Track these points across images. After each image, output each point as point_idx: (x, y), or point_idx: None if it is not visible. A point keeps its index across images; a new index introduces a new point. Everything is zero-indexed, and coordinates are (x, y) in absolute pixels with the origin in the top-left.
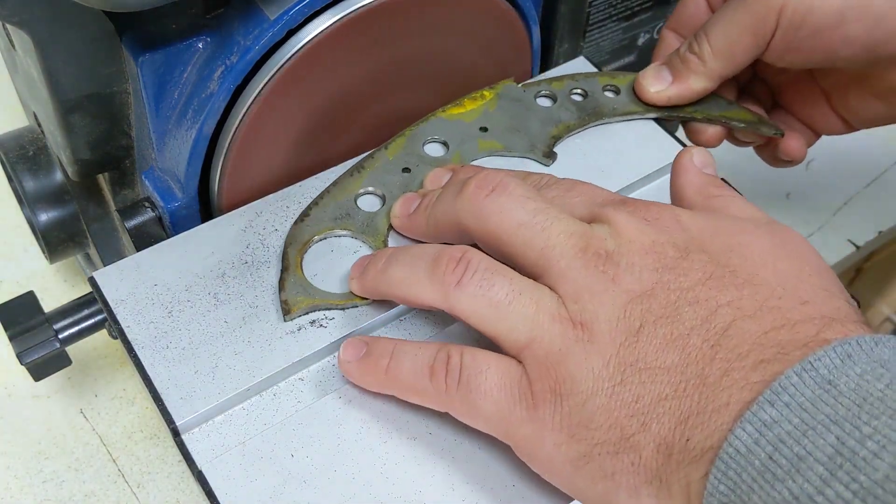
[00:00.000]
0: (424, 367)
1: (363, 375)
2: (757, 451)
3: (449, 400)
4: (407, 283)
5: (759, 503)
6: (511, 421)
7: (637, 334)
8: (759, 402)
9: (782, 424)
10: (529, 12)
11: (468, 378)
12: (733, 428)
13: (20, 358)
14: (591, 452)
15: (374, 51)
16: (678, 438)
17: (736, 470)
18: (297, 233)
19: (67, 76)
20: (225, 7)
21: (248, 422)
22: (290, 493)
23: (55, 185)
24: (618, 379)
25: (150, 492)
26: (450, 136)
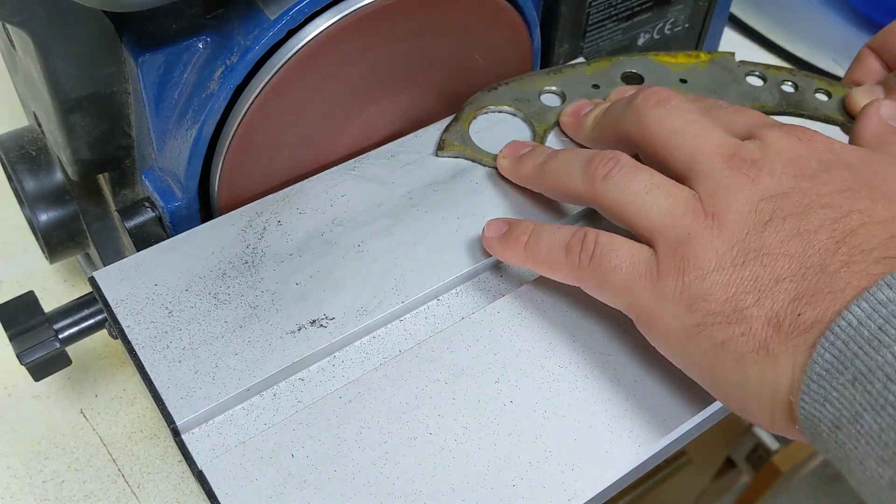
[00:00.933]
0: (562, 243)
1: (504, 249)
2: (868, 323)
3: (581, 273)
4: (563, 174)
5: (861, 367)
6: (635, 292)
7: (765, 226)
8: (878, 285)
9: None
10: (529, 12)
11: (601, 254)
12: (849, 305)
13: (20, 358)
14: (705, 322)
15: (375, 51)
16: (790, 313)
17: (844, 340)
18: (480, 97)
19: (67, 76)
20: (225, 7)
21: (248, 422)
22: (290, 493)
23: (55, 185)
24: (740, 261)
25: (150, 492)
26: (649, 74)
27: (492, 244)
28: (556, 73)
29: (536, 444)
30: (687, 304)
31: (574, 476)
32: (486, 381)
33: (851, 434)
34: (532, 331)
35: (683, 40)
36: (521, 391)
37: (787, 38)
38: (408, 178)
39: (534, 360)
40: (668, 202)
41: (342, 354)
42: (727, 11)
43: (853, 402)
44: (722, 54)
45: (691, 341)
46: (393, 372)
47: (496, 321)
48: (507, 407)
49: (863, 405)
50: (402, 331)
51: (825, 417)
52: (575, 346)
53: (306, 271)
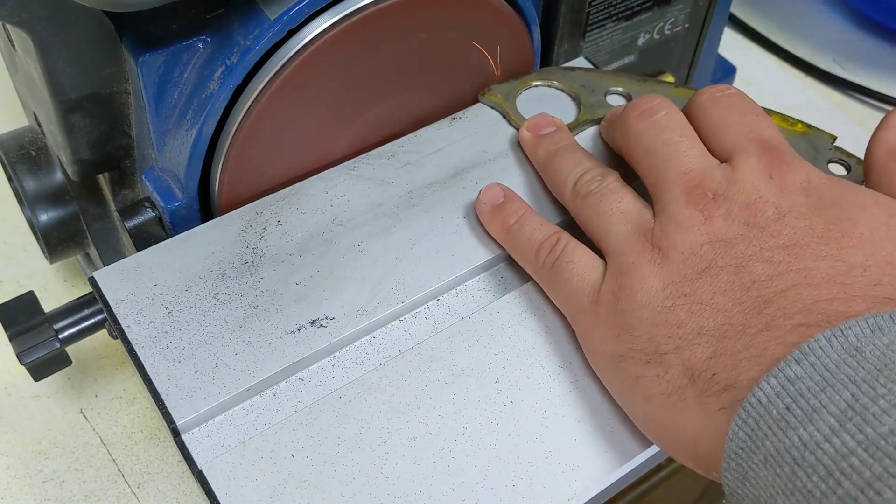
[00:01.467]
0: (537, 241)
1: (490, 221)
2: (776, 401)
3: (541, 275)
4: (560, 178)
5: (770, 448)
6: (578, 308)
7: (701, 273)
8: (787, 360)
9: (804, 381)
10: (529, 12)
11: (561, 261)
12: (759, 380)
13: (20, 358)
14: (626, 354)
15: (375, 51)
16: (704, 369)
17: (755, 418)
18: (552, 71)
19: (67, 76)
20: (225, 7)
21: (248, 422)
22: (290, 493)
23: (55, 185)
24: (669, 303)
25: (150, 492)
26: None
27: (482, 209)
28: (640, 83)
29: (536, 444)
30: (615, 332)
31: (574, 476)
32: (486, 381)
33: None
34: (532, 331)
35: (683, 40)
36: (521, 391)
37: (787, 38)
38: (408, 178)
39: (534, 360)
40: (626, 229)
41: (342, 354)
42: (727, 11)
43: (766, 484)
44: (820, 133)
45: (612, 368)
46: (393, 372)
47: (496, 321)
48: (507, 407)
49: (775, 488)
50: (402, 331)
51: (747, 496)
52: (575, 346)
53: (306, 271)
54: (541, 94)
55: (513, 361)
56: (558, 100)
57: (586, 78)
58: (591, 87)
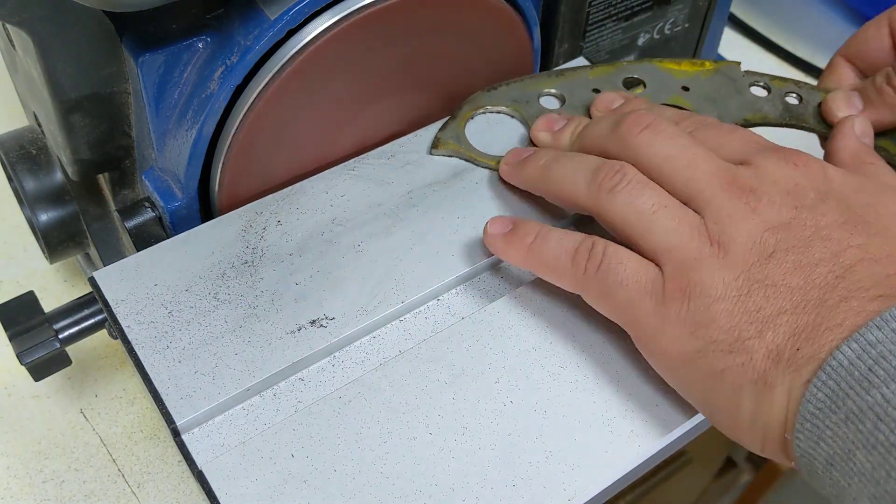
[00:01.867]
0: (569, 249)
1: (507, 248)
2: (858, 364)
3: (586, 282)
4: (568, 181)
5: (853, 406)
6: (639, 311)
7: (769, 258)
8: (868, 326)
9: (885, 344)
10: (529, 12)
11: (608, 265)
12: (840, 345)
13: (20, 358)
14: (706, 349)
15: (375, 51)
16: (789, 347)
17: (836, 380)
18: (479, 97)
19: (67, 76)
20: (225, 7)
21: (248, 422)
22: (290, 493)
23: (55, 185)
24: (744, 290)
25: (150, 492)
26: (652, 81)
27: (494, 242)
28: (558, 76)
29: (536, 444)
30: (690, 329)
31: (574, 476)
32: (486, 381)
33: (845, 472)
34: (532, 331)
35: (683, 40)
36: (521, 391)
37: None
38: (408, 178)
39: (534, 360)
40: (674, 224)
41: (342, 354)
42: (727, 11)
43: (846, 440)
44: (727, 63)
45: (690, 366)
46: (393, 372)
47: (496, 321)
48: (507, 407)
49: (855, 444)
50: (402, 331)
51: (819, 455)
52: (575, 346)
53: (306, 271)
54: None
55: (513, 361)
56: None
57: (512, 91)
58: (524, 99)
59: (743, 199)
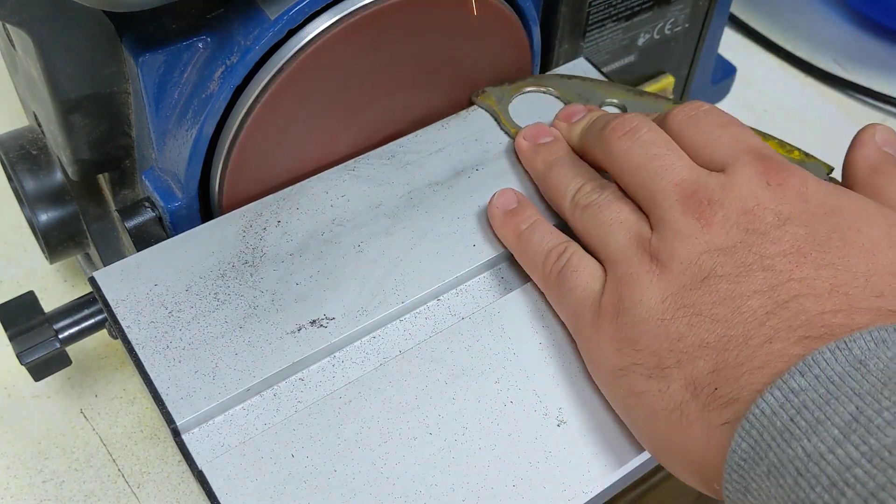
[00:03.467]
0: (545, 249)
1: (501, 226)
2: (780, 413)
3: (547, 284)
4: (559, 189)
5: (774, 459)
6: (580, 319)
7: (701, 283)
8: (791, 372)
9: (808, 393)
10: (529, 13)
11: (566, 271)
12: (763, 392)
13: (20, 358)
14: (628, 368)
15: (375, 51)
16: (707, 384)
17: (758, 430)
18: (549, 78)
19: (67, 76)
20: (225, 7)
21: (248, 422)
22: (290, 493)
23: (55, 185)
24: (669, 315)
25: (150, 492)
26: None
27: (494, 213)
28: (638, 95)
29: (536, 445)
30: (616, 346)
31: (574, 476)
32: (486, 381)
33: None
34: (532, 331)
35: (683, 40)
36: (520, 391)
37: (787, 38)
38: (408, 178)
39: (534, 361)
40: (625, 239)
41: (342, 354)
42: (727, 11)
43: (769, 495)
44: (816, 162)
45: (614, 382)
46: (393, 372)
47: (496, 321)
48: (507, 407)
49: (777, 500)
50: (402, 331)
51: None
52: (575, 346)
53: (306, 271)
54: (534, 99)
55: (513, 361)
56: (551, 107)
57: (582, 87)
58: (587, 97)
59: (696, 215)
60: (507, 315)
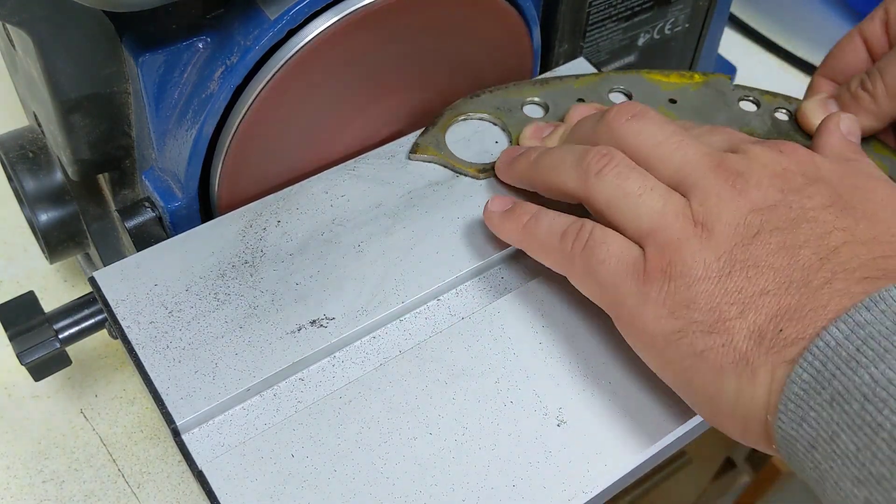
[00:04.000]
0: (559, 228)
1: (503, 224)
2: (846, 344)
3: (570, 260)
4: (556, 169)
5: (838, 387)
6: (620, 290)
7: (753, 238)
8: (857, 307)
9: (874, 325)
10: (529, 13)
11: (592, 245)
12: (827, 325)
13: (20, 358)
14: (687, 329)
15: (375, 51)
16: (772, 328)
17: (822, 360)
18: (461, 104)
19: (67, 76)
20: (225, 7)
21: (248, 422)
22: (290, 493)
23: (55, 185)
24: (726, 271)
25: (150, 492)
26: (637, 91)
27: (492, 217)
28: (543, 84)
29: (536, 444)
30: (670, 309)
31: (574, 476)
32: (486, 381)
33: (827, 454)
34: (532, 331)
35: (683, 40)
36: (520, 391)
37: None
38: (408, 178)
39: (534, 361)
40: (660, 205)
41: (342, 354)
42: (727, 11)
43: (830, 421)
44: (717, 76)
45: (670, 347)
46: (393, 372)
47: (496, 321)
48: (507, 407)
49: (840, 425)
50: (402, 331)
51: (802, 437)
52: (576, 346)
53: (306, 271)
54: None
55: (513, 361)
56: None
57: (495, 99)
58: (507, 107)
59: (730, 182)
60: (507, 315)
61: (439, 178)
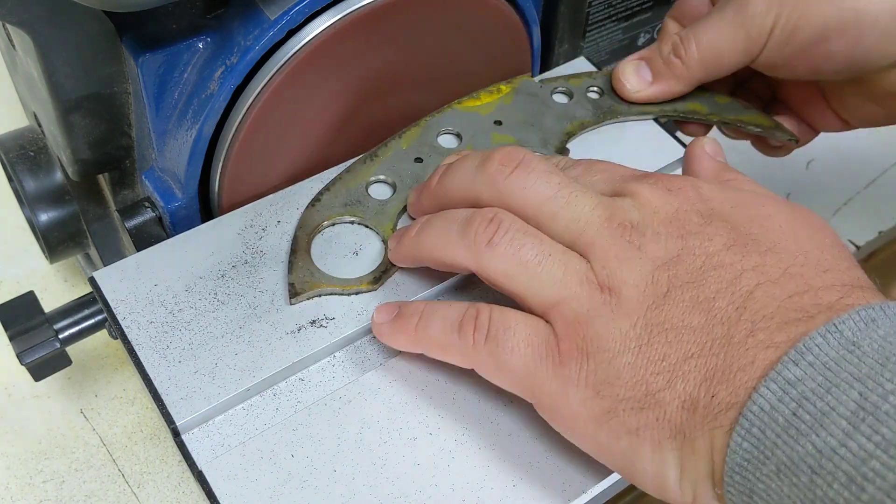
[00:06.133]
0: (454, 323)
1: (394, 334)
2: (781, 408)
3: (476, 354)
4: (440, 245)
5: (783, 458)
6: (537, 377)
7: (664, 298)
8: (784, 362)
9: (806, 382)
10: (529, 13)
11: (496, 333)
12: (757, 386)
13: (20, 358)
14: (616, 408)
15: (374, 51)
16: (703, 395)
17: (760, 427)
18: (307, 217)
19: (67, 76)
20: (225, 7)
21: (248, 422)
22: (290, 493)
23: (55, 185)
24: (644, 339)
25: (150, 492)
26: (464, 127)
27: (381, 330)
28: (374, 159)
29: (536, 444)
30: (595, 389)
31: (574, 476)
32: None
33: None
34: None
35: None
36: None
37: None
38: None
39: None
40: (560, 273)
41: (342, 354)
42: None
43: (781, 494)
44: (520, 79)
45: (602, 429)
46: (393, 372)
47: None
48: (507, 407)
49: (792, 499)
50: None
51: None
52: None
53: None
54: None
55: None
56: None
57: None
58: (355, 198)
59: (626, 238)
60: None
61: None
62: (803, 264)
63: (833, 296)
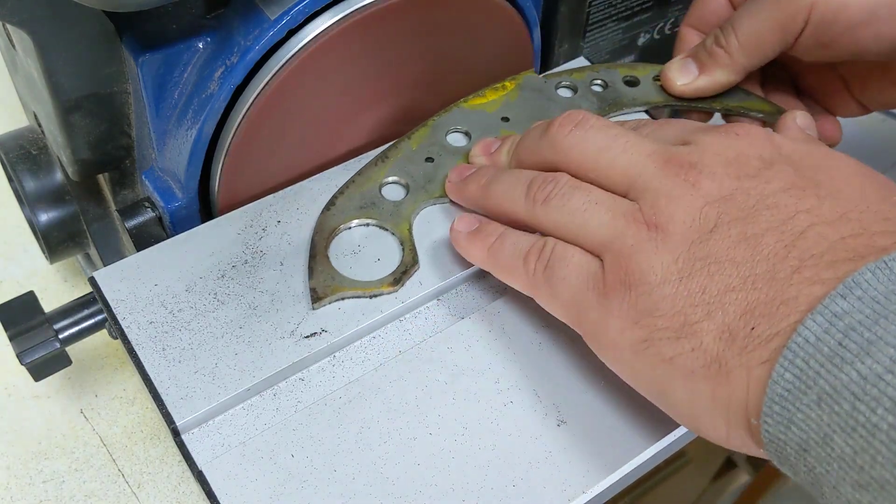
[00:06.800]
0: (522, 250)
1: (469, 245)
2: (826, 339)
3: (534, 282)
4: (507, 198)
5: (825, 386)
6: (582, 306)
7: (710, 233)
8: (832, 296)
9: (853, 315)
10: (530, 13)
11: (553, 264)
12: (803, 319)
13: (20, 358)
14: (652, 337)
15: (375, 51)
16: (742, 326)
17: (804, 358)
18: (323, 221)
19: (67, 76)
20: (225, 7)
21: (248, 422)
22: (290, 493)
23: (55, 185)
24: (686, 272)
25: (150, 492)
26: (472, 125)
27: (458, 238)
28: (384, 161)
29: (536, 444)
30: (634, 319)
31: (574, 476)
32: (486, 381)
33: (821, 457)
34: (532, 330)
35: None
36: (521, 391)
37: None
38: None
39: (534, 360)
40: (608, 216)
41: (342, 354)
42: None
43: (820, 423)
44: (524, 75)
45: (638, 357)
46: (393, 372)
47: (496, 321)
48: (507, 407)
49: (831, 427)
50: (402, 331)
51: (791, 440)
52: (575, 346)
53: (306, 271)
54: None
55: (513, 361)
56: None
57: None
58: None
59: (681, 177)
60: (506, 315)
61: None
62: (863, 211)
63: (888, 240)
